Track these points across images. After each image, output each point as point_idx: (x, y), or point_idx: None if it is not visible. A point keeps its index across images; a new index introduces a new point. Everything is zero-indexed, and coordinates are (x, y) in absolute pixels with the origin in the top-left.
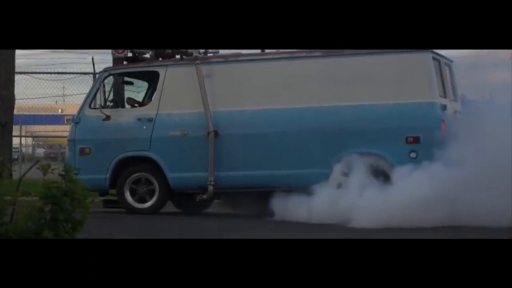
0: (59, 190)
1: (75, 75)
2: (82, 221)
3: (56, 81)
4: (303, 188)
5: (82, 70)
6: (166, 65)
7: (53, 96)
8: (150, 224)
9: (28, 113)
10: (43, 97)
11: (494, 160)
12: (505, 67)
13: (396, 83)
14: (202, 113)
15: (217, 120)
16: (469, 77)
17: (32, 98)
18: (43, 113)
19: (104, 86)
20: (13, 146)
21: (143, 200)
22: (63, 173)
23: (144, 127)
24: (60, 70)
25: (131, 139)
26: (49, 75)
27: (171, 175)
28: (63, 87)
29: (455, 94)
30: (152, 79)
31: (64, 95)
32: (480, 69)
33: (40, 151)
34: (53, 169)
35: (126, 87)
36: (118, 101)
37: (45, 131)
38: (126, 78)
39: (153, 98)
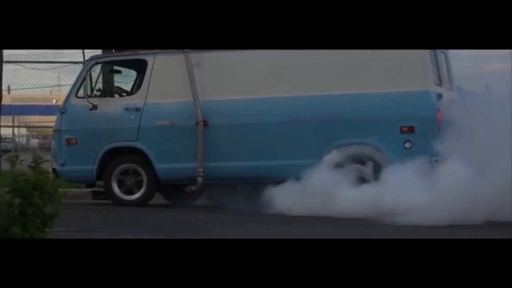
0: (27, 183)
1: (69, 64)
2: (53, 216)
3: (50, 71)
4: (295, 179)
5: (76, 60)
6: (154, 54)
7: (47, 87)
8: (137, 217)
9: (23, 103)
10: (37, 88)
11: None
12: (502, 58)
13: (390, 72)
14: (191, 102)
15: (206, 109)
16: (466, 67)
17: (26, 88)
18: (38, 104)
19: (90, 75)
20: (7, 136)
21: (130, 192)
22: (32, 164)
23: (132, 117)
24: (52, 60)
25: (119, 129)
26: (42, 64)
27: (159, 166)
28: (58, 77)
29: (451, 82)
30: (140, 67)
31: (59, 85)
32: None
33: (35, 142)
34: (21, 161)
35: (116, 76)
36: (106, 90)
37: (40, 122)
38: (114, 67)
39: (141, 87)
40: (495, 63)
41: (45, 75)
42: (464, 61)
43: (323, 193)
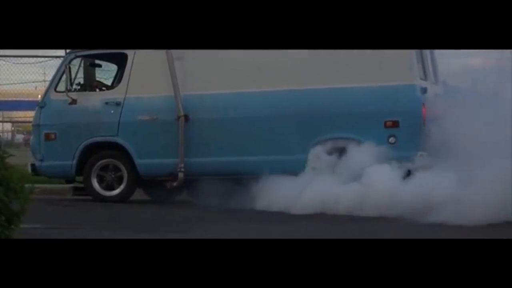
0: None
1: (52, 59)
2: (19, 213)
3: (37, 66)
4: (278, 174)
5: (59, 55)
6: None
7: (33, 82)
8: (115, 213)
9: (8, 99)
10: (23, 83)
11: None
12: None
13: (375, 66)
14: (172, 96)
15: (187, 104)
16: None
17: (11, 83)
18: (23, 99)
19: (70, 69)
20: None
21: (111, 188)
22: None
23: (112, 111)
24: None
25: (98, 123)
26: (26, 59)
27: (139, 161)
28: (44, 73)
29: (436, 76)
30: (120, 61)
31: (45, 81)
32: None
33: (20, 137)
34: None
35: (98, 70)
36: (85, 84)
37: (25, 117)
38: (94, 61)
39: (121, 81)
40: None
41: (30, 70)
42: (449, 56)
43: (307, 190)
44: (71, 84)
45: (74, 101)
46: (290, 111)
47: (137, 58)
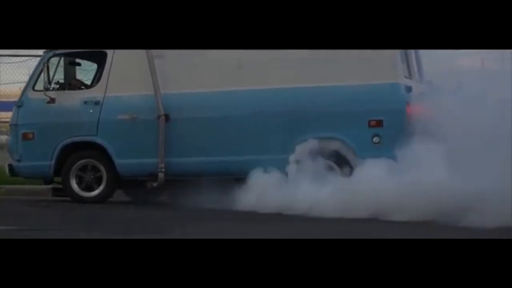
0: None
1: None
2: None
3: (20, 65)
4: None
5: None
6: None
7: (17, 82)
8: (94, 214)
9: None
10: (7, 84)
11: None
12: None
13: (358, 64)
14: (152, 95)
15: (168, 102)
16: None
17: None
18: (7, 100)
19: (48, 67)
20: None
21: (90, 188)
22: None
23: (91, 111)
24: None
25: (77, 123)
26: (9, 58)
27: (119, 162)
28: (28, 74)
29: (421, 75)
30: (100, 59)
31: None
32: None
33: (3, 138)
34: None
35: (78, 69)
36: (64, 83)
37: (8, 118)
38: (74, 59)
39: (100, 80)
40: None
41: (15, 71)
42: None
43: (286, 190)
44: (49, 83)
45: (52, 100)
46: (272, 110)
47: (117, 56)
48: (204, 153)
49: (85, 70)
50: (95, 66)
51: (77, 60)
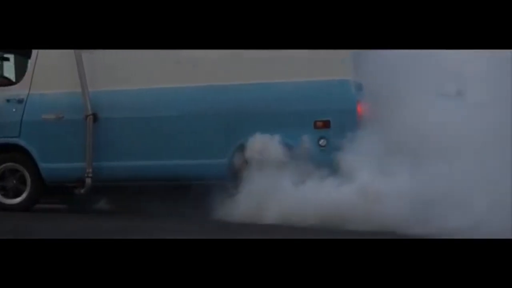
0: None
1: None
2: None
3: None
4: (196, 180)
5: None
6: None
7: None
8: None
9: None
10: None
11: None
12: None
13: (304, 59)
14: (79, 93)
15: (96, 101)
16: None
17: None
18: None
19: None
20: None
21: (12, 195)
22: None
23: (14, 110)
24: None
25: None
26: None
27: (44, 166)
28: None
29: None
30: (26, 54)
31: None
32: None
33: None
34: None
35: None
36: None
37: None
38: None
39: (24, 75)
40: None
41: None
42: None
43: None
44: None
45: None
46: (209, 109)
47: (42, 50)
48: (136, 157)
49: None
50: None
51: (5, 55)
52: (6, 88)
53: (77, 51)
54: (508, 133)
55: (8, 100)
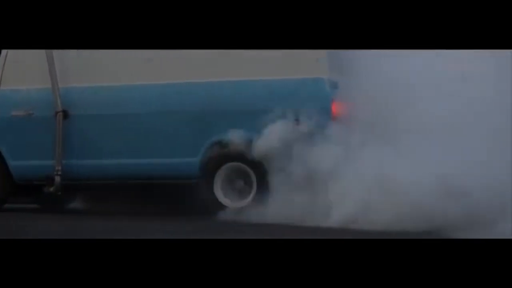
0: None
1: None
2: None
3: None
4: (168, 180)
5: None
6: None
7: None
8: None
9: None
10: None
11: None
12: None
13: (279, 57)
14: (50, 89)
15: (67, 97)
16: None
17: None
18: None
19: None
20: None
21: None
22: None
23: None
24: None
25: None
26: None
27: (13, 163)
28: None
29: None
30: None
31: None
32: None
33: None
34: None
35: None
36: None
37: None
38: None
39: None
40: None
41: None
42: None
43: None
44: None
45: None
46: (181, 107)
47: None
48: (106, 155)
49: None
50: None
51: None
52: None
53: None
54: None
55: None
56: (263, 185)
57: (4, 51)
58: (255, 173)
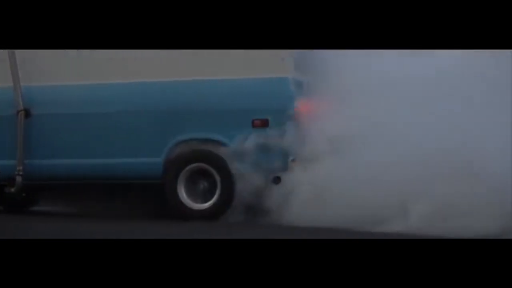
0: None
1: None
2: None
3: None
4: (131, 180)
5: None
6: None
7: None
8: None
9: None
10: None
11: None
12: None
13: (241, 56)
14: (11, 87)
15: (29, 96)
16: None
17: None
18: None
19: None
20: None
21: None
22: None
23: None
24: None
25: None
26: None
27: None
28: None
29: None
30: None
31: None
32: None
33: None
34: None
35: None
36: None
37: None
38: None
39: None
40: None
41: None
42: None
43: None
44: None
45: None
46: (144, 107)
47: None
48: (69, 154)
49: None
50: None
51: None
52: None
53: None
54: None
55: None
56: (227, 186)
57: None
58: (219, 174)
